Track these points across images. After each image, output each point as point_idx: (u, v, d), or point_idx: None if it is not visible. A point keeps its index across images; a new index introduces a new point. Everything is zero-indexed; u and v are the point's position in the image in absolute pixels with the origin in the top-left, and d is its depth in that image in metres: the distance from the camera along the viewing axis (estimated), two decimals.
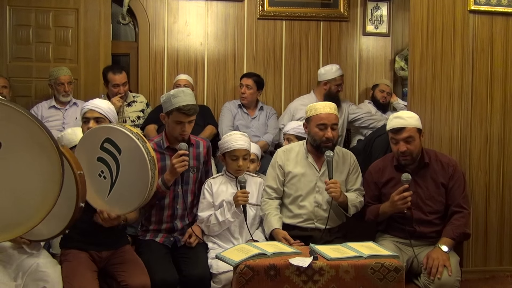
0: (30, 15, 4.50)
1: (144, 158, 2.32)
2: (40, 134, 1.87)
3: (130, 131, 2.37)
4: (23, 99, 4.46)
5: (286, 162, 3.05)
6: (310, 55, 4.94)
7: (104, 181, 2.41)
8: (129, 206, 2.44)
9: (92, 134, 2.45)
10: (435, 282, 2.59)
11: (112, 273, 2.62)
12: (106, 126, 2.46)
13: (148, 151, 2.35)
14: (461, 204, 2.86)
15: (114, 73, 4.14)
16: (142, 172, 2.34)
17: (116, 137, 2.37)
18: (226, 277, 2.66)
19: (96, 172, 2.41)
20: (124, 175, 2.38)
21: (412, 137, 2.83)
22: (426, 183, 2.90)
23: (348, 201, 2.91)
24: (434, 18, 3.35)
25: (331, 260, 2.31)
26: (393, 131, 2.87)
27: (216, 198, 2.95)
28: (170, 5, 4.79)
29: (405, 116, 2.88)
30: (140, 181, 2.35)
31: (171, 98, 2.82)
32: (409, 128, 2.83)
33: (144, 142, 2.37)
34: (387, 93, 4.72)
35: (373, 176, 3.04)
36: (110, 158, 2.39)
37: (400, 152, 2.85)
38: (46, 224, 2.18)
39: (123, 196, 2.41)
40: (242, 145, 2.95)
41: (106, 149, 2.39)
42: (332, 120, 2.96)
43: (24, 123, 1.86)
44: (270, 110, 4.49)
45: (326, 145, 2.96)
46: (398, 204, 2.74)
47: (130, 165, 2.37)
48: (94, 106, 2.72)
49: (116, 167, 2.38)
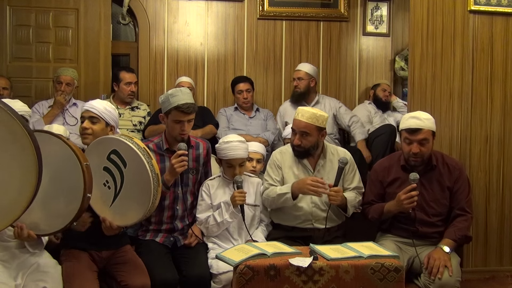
0: (30, 15, 4.50)
1: (148, 176, 2.34)
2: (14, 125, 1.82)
3: (137, 146, 2.38)
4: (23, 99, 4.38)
5: (282, 163, 3.04)
6: (310, 55, 4.94)
7: (108, 191, 2.43)
8: (130, 219, 2.47)
9: (101, 143, 2.46)
10: (436, 282, 2.58)
11: (112, 273, 2.62)
12: (114, 138, 2.45)
13: (153, 168, 2.36)
14: (465, 208, 2.84)
15: (127, 72, 4.30)
16: (144, 188, 2.36)
17: (123, 150, 2.39)
18: (226, 277, 2.66)
19: (101, 181, 2.42)
20: (127, 188, 2.40)
21: (427, 140, 2.78)
22: (431, 185, 2.88)
23: (347, 202, 2.90)
24: (434, 18, 3.35)
25: (331, 260, 2.30)
26: (409, 131, 2.80)
27: (213, 200, 2.95)
28: (170, 5, 4.79)
29: (422, 117, 2.79)
30: (142, 196, 2.38)
31: (169, 97, 2.82)
32: (426, 130, 2.77)
33: (150, 158, 2.38)
34: (388, 92, 4.75)
35: (378, 174, 3.01)
36: (115, 169, 2.41)
37: (412, 153, 2.79)
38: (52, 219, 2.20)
39: (125, 208, 2.43)
40: (238, 154, 2.93)
41: (112, 160, 2.41)
42: (300, 128, 2.91)
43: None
44: (268, 112, 4.55)
45: (297, 150, 2.95)
46: (404, 203, 2.72)
47: (134, 180, 2.39)
48: (89, 106, 2.72)
49: (120, 179, 2.41)
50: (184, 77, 4.54)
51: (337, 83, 5.02)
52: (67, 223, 2.22)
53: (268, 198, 2.97)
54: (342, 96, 5.02)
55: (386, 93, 4.74)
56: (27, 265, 2.43)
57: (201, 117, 4.12)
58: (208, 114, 4.38)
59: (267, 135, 4.26)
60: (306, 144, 2.92)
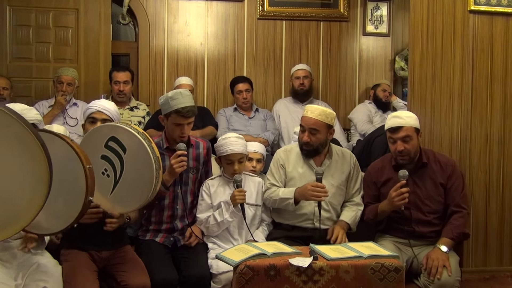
0: (30, 15, 4.50)
1: (149, 158, 2.32)
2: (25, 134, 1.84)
3: (136, 130, 2.37)
4: (23, 99, 4.43)
5: (286, 162, 3.04)
6: (310, 55, 4.94)
7: (107, 179, 2.40)
8: (132, 205, 2.44)
9: (97, 132, 2.45)
10: (435, 282, 2.59)
11: (112, 273, 2.62)
12: (112, 125, 2.45)
13: (154, 151, 2.35)
14: (460, 204, 2.85)
15: (117, 71, 4.26)
16: (146, 172, 2.34)
17: (122, 135, 2.37)
18: (226, 277, 2.65)
19: (99, 170, 2.40)
20: (128, 174, 2.38)
21: (410, 137, 2.82)
22: (424, 183, 2.90)
23: (350, 225, 2.95)
24: (434, 18, 3.35)
25: (331, 260, 2.30)
26: (391, 130, 2.86)
27: (214, 199, 2.95)
28: (170, 5, 4.79)
29: (403, 115, 2.87)
30: (144, 180, 2.35)
31: (169, 100, 2.81)
32: (407, 128, 2.82)
33: (150, 141, 2.37)
34: (389, 92, 4.75)
35: (372, 176, 3.04)
36: (114, 156, 2.38)
37: (397, 151, 2.84)
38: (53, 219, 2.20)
39: (126, 194, 2.40)
40: (236, 149, 2.93)
41: (111, 148, 2.38)
42: (309, 124, 2.91)
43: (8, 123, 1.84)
44: (267, 112, 4.57)
45: (306, 149, 2.95)
46: (395, 200, 2.73)
47: (135, 164, 2.37)
48: (102, 108, 2.72)
49: (120, 166, 2.38)
50: (184, 78, 4.50)
51: (337, 83, 5.02)
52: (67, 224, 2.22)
53: (270, 199, 2.97)
54: (342, 96, 5.02)
55: (386, 93, 4.74)
56: (27, 265, 2.43)
57: (200, 117, 4.11)
58: (207, 115, 4.38)
59: (267, 135, 4.26)
60: (315, 141, 2.92)
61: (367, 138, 4.22)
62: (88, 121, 2.75)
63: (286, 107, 4.59)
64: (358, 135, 4.59)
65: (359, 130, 4.58)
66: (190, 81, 4.51)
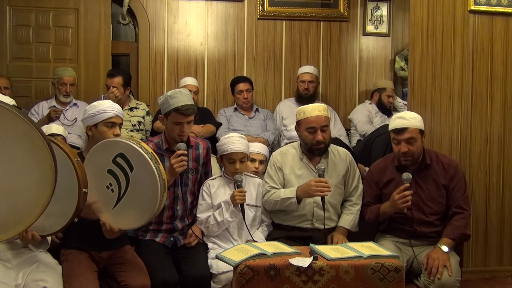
0: (30, 15, 4.50)
1: (156, 181, 2.32)
2: (32, 133, 1.86)
3: (145, 151, 2.36)
4: (23, 99, 4.46)
5: (283, 164, 3.04)
6: (310, 55, 4.94)
7: (111, 194, 2.41)
8: (132, 224, 2.46)
9: (106, 145, 2.44)
10: (435, 282, 2.59)
11: (112, 273, 2.62)
12: (122, 141, 2.42)
13: (161, 174, 2.35)
14: (462, 205, 2.85)
15: (108, 77, 4.20)
16: (151, 194, 2.34)
17: (131, 154, 2.36)
18: (226, 277, 2.65)
19: (104, 184, 2.41)
20: (132, 192, 2.38)
21: (414, 138, 2.82)
22: (427, 184, 2.89)
23: (350, 229, 2.96)
24: (434, 18, 3.35)
25: (331, 260, 2.30)
26: (395, 132, 2.85)
27: (214, 199, 2.95)
28: (170, 5, 4.80)
29: (407, 116, 2.86)
30: (147, 202, 2.36)
31: (168, 99, 2.81)
32: (411, 129, 2.82)
33: (158, 163, 2.36)
34: (392, 97, 4.72)
35: (374, 176, 3.03)
36: (120, 173, 2.38)
37: (401, 152, 2.83)
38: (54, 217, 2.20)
39: (127, 213, 2.41)
40: (239, 148, 2.93)
41: (118, 164, 2.38)
42: (321, 123, 2.93)
43: (15, 122, 1.85)
44: (267, 112, 4.56)
45: (318, 148, 2.95)
46: (398, 203, 2.73)
47: (140, 184, 2.37)
48: (119, 112, 2.72)
49: (125, 183, 2.38)
50: (189, 79, 4.49)
51: (337, 83, 5.02)
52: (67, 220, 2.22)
53: (270, 201, 2.96)
54: (342, 96, 5.02)
55: (391, 99, 4.68)
56: (28, 265, 2.43)
57: (202, 118, 4.12)
58: (208, 116, 4.38)
59: (267, 135, 4.26)
60: (327, 137, 2.96)
61: (367, 138, 4.22)
62: (108, 126, 2.68)
63: (289, 108, 4.57)
64: (358, 136, 4.59)
65: (359, 131, 4.57)
66: (196, 81, 4.51)
